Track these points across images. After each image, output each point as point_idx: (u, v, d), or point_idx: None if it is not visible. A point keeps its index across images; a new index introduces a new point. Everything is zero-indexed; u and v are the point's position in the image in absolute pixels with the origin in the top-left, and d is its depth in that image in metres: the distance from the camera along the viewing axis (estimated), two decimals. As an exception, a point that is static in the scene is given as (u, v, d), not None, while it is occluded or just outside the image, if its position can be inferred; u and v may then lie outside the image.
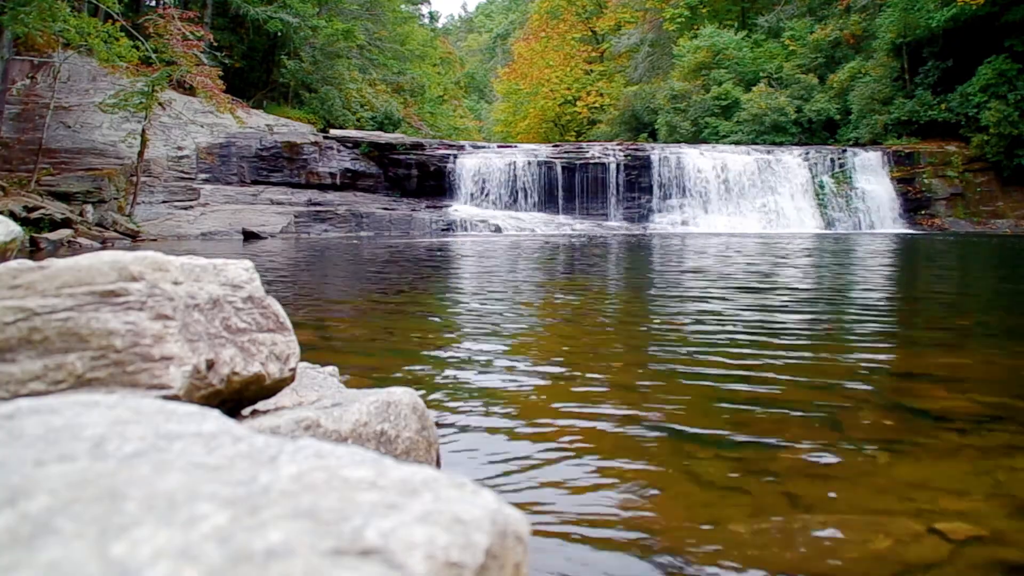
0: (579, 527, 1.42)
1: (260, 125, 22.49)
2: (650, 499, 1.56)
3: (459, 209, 21.48)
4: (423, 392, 2.39)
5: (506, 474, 1.70)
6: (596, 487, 1.62)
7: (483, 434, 2.00)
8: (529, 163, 22.37)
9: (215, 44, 22.80)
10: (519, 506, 1.47)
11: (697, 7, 34.36)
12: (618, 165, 22.54)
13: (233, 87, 22.38)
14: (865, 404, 2.30)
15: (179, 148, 21.08)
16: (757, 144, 25.38)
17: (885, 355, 3.21)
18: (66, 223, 16.21)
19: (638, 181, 22.53)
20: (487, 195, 22.12)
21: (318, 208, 20.93)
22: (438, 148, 23.11)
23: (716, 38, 30.51)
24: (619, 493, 1.58)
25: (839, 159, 23.20)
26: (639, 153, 22.89)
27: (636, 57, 38.72)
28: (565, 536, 1.38)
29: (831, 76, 27.48)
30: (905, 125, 24.57)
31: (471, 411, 2.22)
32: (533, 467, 1.74)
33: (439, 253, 11.94)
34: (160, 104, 18.98)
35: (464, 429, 2.05)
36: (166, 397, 1.10)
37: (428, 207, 21.78)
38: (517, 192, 22.22)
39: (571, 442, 1.92)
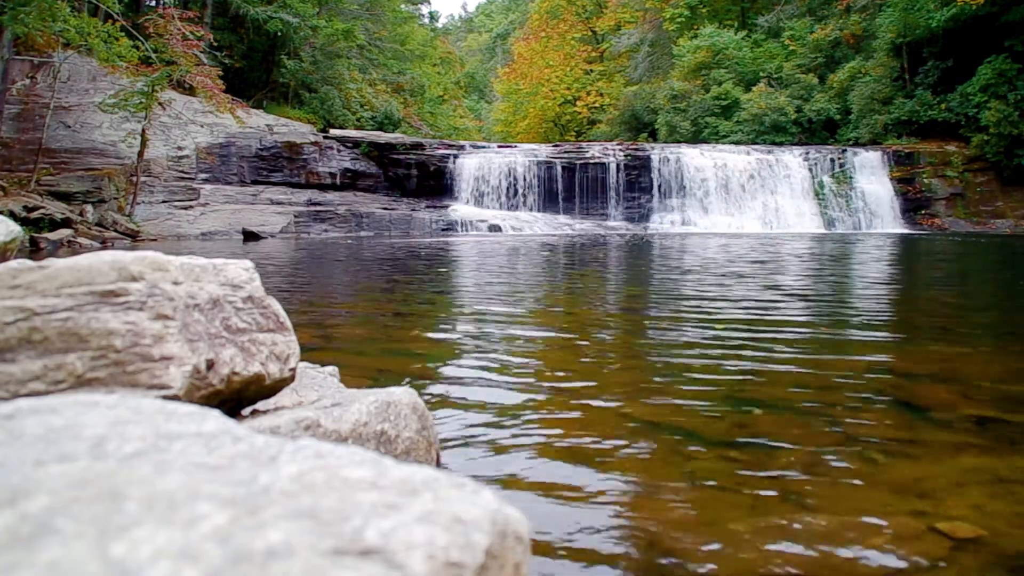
0: (579, 526, 1.42)
1: (260, 125, 22.49)
2: (650, 498, 1.56)
3: (459, 209, 21.49)
4: (423, 392, 2.39)
5: (506, 474, 1.70)
6: (596, 486, 1.62)
7: (483, 434, 2.00)
8: (529, 163, 22.37)
9: (215, 44, 22.81)
10: (518, 506, 1.46)
11: (697, 7, 34.35)
12: (618, 165, 22.54)
13: (233, 87, 22.38)
14: (865, 404, 2.30)
15: (179, 148, 21.08)
16: (757, 144, 25.38)
17: (885, 355, 3.21)
18: (66, 223, 16.21)
19: (638, 181, 22.54)
20: (487, 195, 22.12)
21: (318, 208, 20.93)
22: (438, 148, 23.12)
23: (716, 38, 30.52)
24: (619, 492, 1.58)
25: (839, 159, 23.20)
26: (639, 153, 22.90)
27: (636, 57, 38.72)
28: (565, 536, 1.38)
29: (831, 76, 27.49)
30: (905, 125, 24.58)
31: (471, 411, 2.22)
32: (533, 466, 1.74)
33: (439, 253, 11.95)
34: (160, 104, 18.99)
35: (464, 429, 2.05)
36: (166, 397, 1.10)
37: (428, 207, 21.79)
38: (517, 192, 22.22)
39: (571, 441, 1.92)
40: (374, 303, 5.53)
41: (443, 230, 20.32)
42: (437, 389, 2.51)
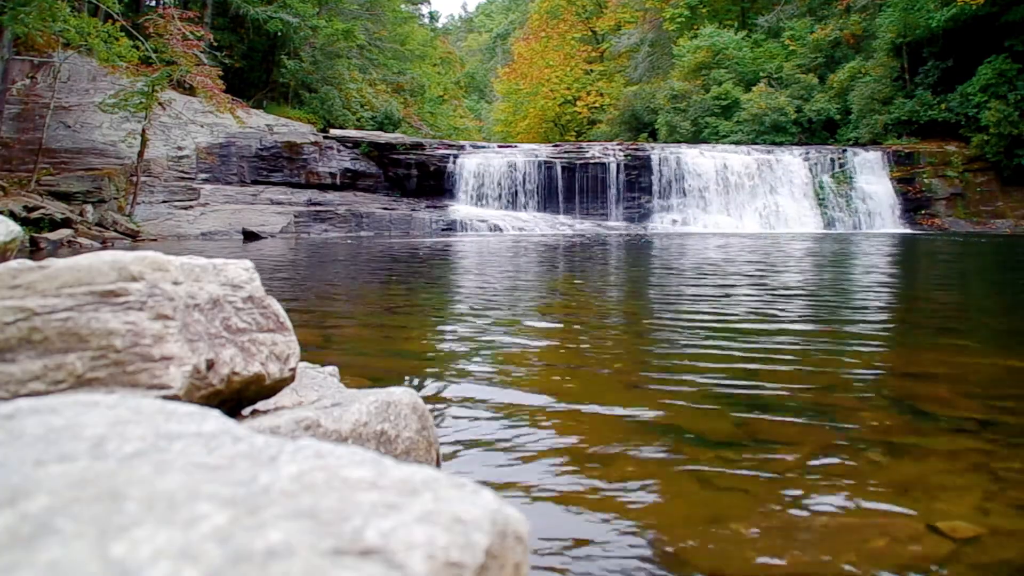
0: (580, 527, 1.42)
1: (260, 125, 22.49)
2: (650, 499, 1.56)
3: (459, 209, 21.48)
4: (423, 392, 2.39)
5: (506, 474, 1.70)
6: (596, 486, 1.62)
7: (483, 434, 2.00)
8: (529, 163, 22.37)
9: (215, 44, 22.81)
10: (518, 505, 1.46)
11: (697, 7, 34.35)
12: (618, 165, 22.54)
13: (233, 87, 22.38)
14: (865, 404, 2.30)
15: (179, 148, 21.08)
16: (757, 144, 25.38)
17: (885, 355, 3.21)
18: (66, 223, 16.21)
19: (638, 181, 22.54)
20: (487, 195, 22.12)
21: (318, 208, 20.93)
22: (438, 148, 23.11)
23: (716, 38, 30.52)
24: (619, 493, 1.58)
25: (839, 159, 23.20)
26: (639, 153, 22.90)
27: (636, 57, 38.72)
28: (565, 536, 1.38)
29: (831, 76, 27.48)
30: (905, 125, 24.57)
31: (471, 411, 2.22)
32: (533, 466, 1.74)
33: (439, 253, 11.95)
34: (160, 104, 18.99)
35: (464, 429, 2.05)
36: (166, 397, 1.10)
37: (428, 207, 21.78)
38: (517, 192, 22.22)
39: (572, 442, 1.92)
40: (374, 303, 5.53)
41: (443, 230, 20.31)
42: (437, 389, 2.51)
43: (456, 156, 22.48)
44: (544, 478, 1.67)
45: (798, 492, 1.57)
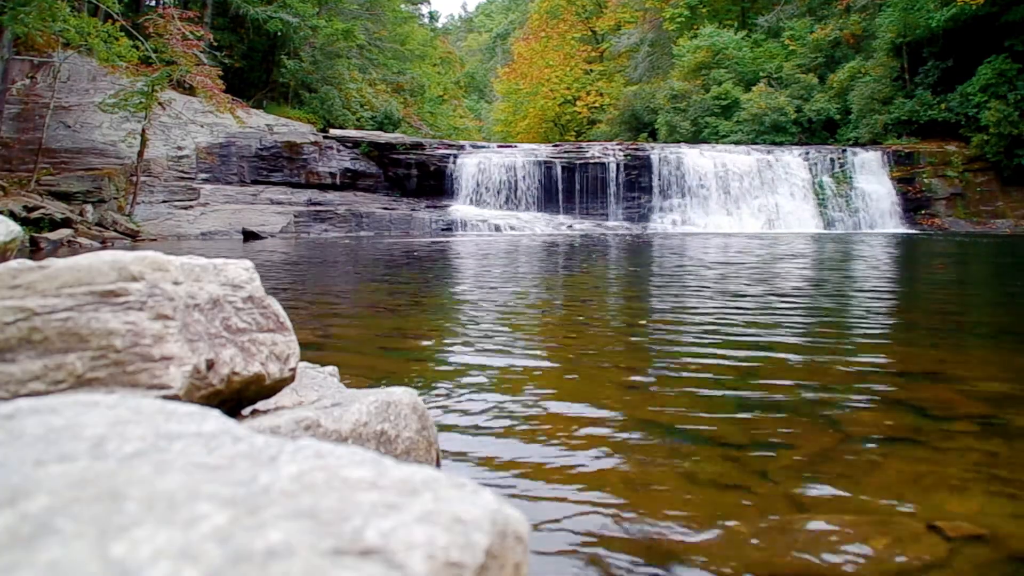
0: (579, 527, 1.42)
1: (260, 125, 22.49)
2: (650, 499, 1.56)
3: (459, 209, 21.49)
4: (423, 392, 2.39)
5: (506, 474, 1.70)
6: (596, 487, 1.62)
7: (483, 434, 2.00)
8: (529, 163, 22.37)
9: (215, 44, 22.83)
10: (519, 506, 1.46)
11: (697, 7, 34.36)
12: (618, 165, 22.54)
13: (233, 87, 22.39)
14: (865, 403, 2.30)
15: (179, 148, 21.08)
16: (757, 144, 25.37)
17: (885, 354, 3.21)
18: (66, 223, 16.21)
19: (638, 181, 22.54)
20: (487, 195, 22.12)
21: (318, 208, 20.94)
22: (438, 148, 23.12)
23: (716, 38, 30.52)
24: (619, 493, 1.58)
25: (839, 159, 23.20)
26: (639, 153, 22.90)
27: (636, 57, 38.73)
28: (565, 536, 1.38)
29: (831, 76, 27.48)
30: (905, 125, 24.57)
31: (471, 411, 2.22)
32: (533, 467, 1.74)
33: (439, 253, 11.95)
34: (160, 104, 18.99)
35: (464, 429, 2.05)
36: (166, 397, 1.10)
37: (428, 207, 21.79)
38: (517, 192, 22.22)
39: (571, 442, 1.92)
40: (374, 303, 5.54)
41: (443, 230, 20.32)
42: (437, 389, 2.51)
43: (456, 156, 22.49)
44: (544, 477, 1.67)
45: (798, 492, 1.57)
